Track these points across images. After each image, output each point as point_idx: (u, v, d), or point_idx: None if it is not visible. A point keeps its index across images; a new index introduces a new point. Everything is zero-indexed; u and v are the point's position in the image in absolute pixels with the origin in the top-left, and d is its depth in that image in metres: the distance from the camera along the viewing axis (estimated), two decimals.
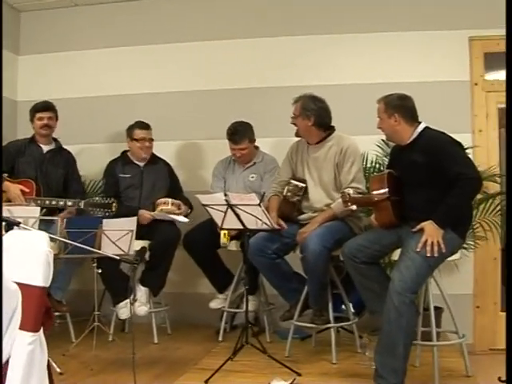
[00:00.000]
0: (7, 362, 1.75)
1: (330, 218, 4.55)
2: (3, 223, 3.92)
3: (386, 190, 3.97)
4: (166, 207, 5.31)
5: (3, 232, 3.94)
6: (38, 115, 5.40)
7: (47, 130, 5.43)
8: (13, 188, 5.11)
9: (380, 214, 4.05)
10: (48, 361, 2.44)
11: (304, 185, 4.75)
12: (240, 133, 5.37)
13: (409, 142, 4.01)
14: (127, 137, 5.61)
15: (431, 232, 3.71)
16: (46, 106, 5.45)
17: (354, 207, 4.00)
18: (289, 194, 4.75)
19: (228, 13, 6.17)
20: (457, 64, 5.55)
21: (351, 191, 4.02)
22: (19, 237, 2.34)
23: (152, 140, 5.59)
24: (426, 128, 4.00)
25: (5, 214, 4.16)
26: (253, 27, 6.07)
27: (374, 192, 4.03)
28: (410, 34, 5.68)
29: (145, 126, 5.58)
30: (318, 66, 5.88)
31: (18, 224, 3.21)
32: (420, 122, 4.03)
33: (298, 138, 4.95)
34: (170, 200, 5.35)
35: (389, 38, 5.74)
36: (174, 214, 5.30)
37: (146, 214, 5.27)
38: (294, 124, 4.81)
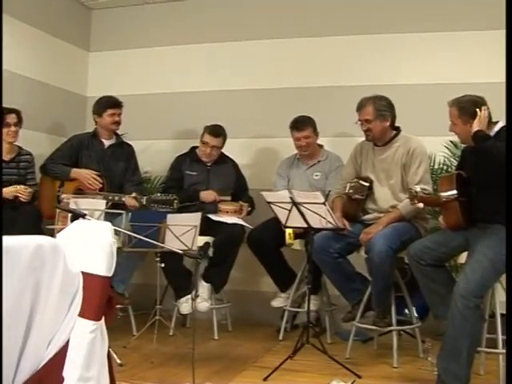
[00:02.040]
0: (65, 346, 1.76)
1: (396, 219, 4.49)
2: (70, 214, 4.03)
3: (455, 191, 3.87)
4: (224, 215, 5.39)
5: (68, 222, 4.03)
6: (110, 111, 5.44)
7: (117, 126, 5.51)
8: (83, 172, 5.26)
9: (448, 215, 3.96)
10: (108, 351, 2.45)
11: (367, 184, 4.69)
12: (303, 121, 5.36)
13: None
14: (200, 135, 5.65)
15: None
16: (117, 103, 5.49)
17: (421, 205, 3.92)
18: (351, 190, 4.67)
19: (294, 12, 6.16)
20: None
21: (418, 189, 3.94)
22: (84, 227, 2.35)
23: (216, 148, 5.58)
24: (504, 128, 3.84)
25: (72, 205, 4.27)
26: (319, 26, 6.05)
27: (443, 193, 3.94)
28: (478, 33, 5.55)
29: (214, 134, 5.56)
30: (382, 65, 5.83)
31: (83, 216, 3.27)
32: (497, 122, 3.89)
33: (362, 139, 4.86)
34: (231, 208, 5.42)
35: (456, 38, 5.64)
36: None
37: (208, 195, 5.33)
38: (367, 130, 4.70)
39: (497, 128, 3.86)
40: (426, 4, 5.75)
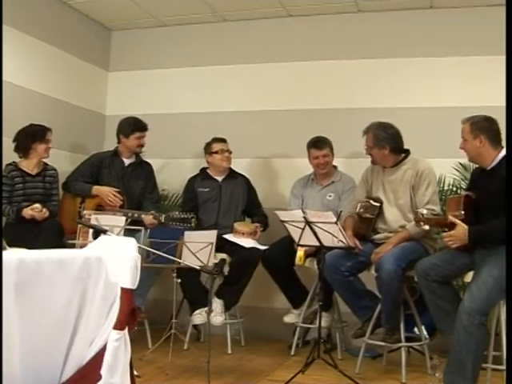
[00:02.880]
0: (103, 348, 1.93)
1: (405, 238, 4.61)
2: (90, 230, 4.19)
3: (462, 212, 3.99)
4: (240, 237, 5.48)
5: (89, 237, 4.19)
6: (137, 134, 5.60)
7: (141, 148, 5.69)
8: (104, 189, 5.43)
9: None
10: (131, 360, 2.59)
11: (377, 204, 4.82)
12: (323, 140, 5.53)
13: (490, 167, 4.02)
14: (206, 153, 5.80)
15: (459, 235, 3.87)
16: (145, 127, 5.65)
17: (427, 227, 4.05)
18: (361, 210, 4.81)
19: (304, 34, 6.33)
20: None
21: (425, 211, 4.07)
22: (110, 242, 2.50)
23: (230, 152, 5.76)
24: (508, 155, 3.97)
25: (93, 222, 4.42)
26: (332, 50, 6.21)
27: (450, 214, 4.07)
28: (486, 58, 5.70)
29: (222, 140, 5.76)
30: (394, 88, 5.97)
31: (104, 232, 3.41)
32: (502, 147, 4.02)
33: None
34: (246, 230, 5.52)
35: (464, 62, 5.78)
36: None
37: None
38: (370, 154, 4.88)
39: (501, 155, 3.99)
40: (435, 30, 5.90)
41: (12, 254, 1.63)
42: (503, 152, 4.00)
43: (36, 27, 5.76)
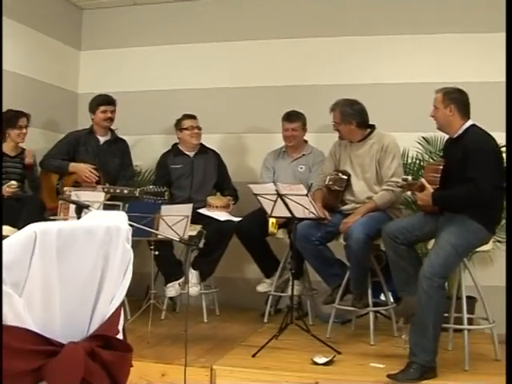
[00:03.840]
0: (121, 304, 2.21)
1: (371, 209, 4.81)
2: (71, 206, 4.35)
3: (438, 179, 4.20)
4: (214, 210, 5.65)
5: (70, 213, 4.33)
6: (102, 108, 5.73)
7: (109, 122, 5.78)
8: (81, 166, 5.56)
9: None
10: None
11: (345, 177, 5.01)
12: (295, 114, 5.70)
13: (455, 136, 4.22)
14: (176, 129, 5.95)
15: (424, 197, 4.12)
16: (109, 100, 5.78)
17: (409, 193, 4.21)
18: (330, 182, 5.01)
19: (275, 13, 6.44)
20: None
21: (410, 178, 4.29)
22: (103, 215, 2.69)
23: (200, 128, 5.91)
24: (473, 126, 4.18)
25: (73, 197, 4.57)
26: (296, 28, 6.33)
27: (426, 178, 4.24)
28: (451, 36, 5.86)
29: (192, 116, 5.91)
30: (361, 65, 6.11)
31: (87, 207, 3.58)
32: (469, 119, 4.22)
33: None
34: (219, 204, 5.69)
35: (429, 40, 5.94)
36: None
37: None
38: (337, 130, 5.06)
39: (466, 125, 4.20)
40: (403, 8, 6.05)
41: (52, 224, 1.90)
42: (467, 124, 4.20)
43: (6, 6, 5.72)
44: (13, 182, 5.06)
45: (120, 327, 2.41)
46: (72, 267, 1.97)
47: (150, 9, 6.79)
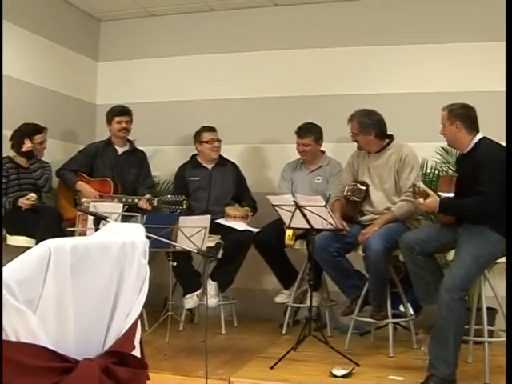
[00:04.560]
0: (137, 320, 2.21)
1: (390, 220, 4.78)
2: (90, 217, 4.35)
3: (452, 193, 4.18)
4: (232, 220, 5.64)
5: (89, 224, 4.34)
6: (117, 119, 5.74)
7: (125, 133, 5.79)
8: (87, 187, 5.55)
9: None
10: (141, 337, 2.77)
11: (364, 187, 4.99)
12: (306, 129, 5.64)
13: (467, 151, 4.20)
14: (195, 141, 5.91)
15: (430, 204, 4.07)
16: (124, 111, 5.79)
17: (421, 200, 4.17)
18: (349, 193, 4.99)
19: (291, 23, 6.43)
20: None
21: (422, 184, 4.23)
22: (120, 227, 2.68)
23: (220, 141, 5.88)
24: (483, 139, 4.15)
25: (91, 209, 4.58)
26: (319, 38, 6.32)
27: (442, 193, 4.21)
28: (469, 45, 5.83)
29: (211, 129, 5.87)
30: (379, 75, 6.09)
31: (105, 218, 3.58)
32: (478, 132, 4.20)
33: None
34: (238, 214, 5.68)
35: (447, 49, 5.90)
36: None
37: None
38: (356, 141, 5.04)
39: (476, 139, 4.17)
40: (419, 17, 6.02)
41: (67, 241, 1.90)
42: (478, 136, 4.17)
43: (26, 18, 5.83)
44: (32, 195, 5.08)
45: (137, 342, 2.40)
46: (86, 283, 1.96)
47: (167, 20, 6.82)
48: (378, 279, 4.70)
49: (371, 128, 4.93)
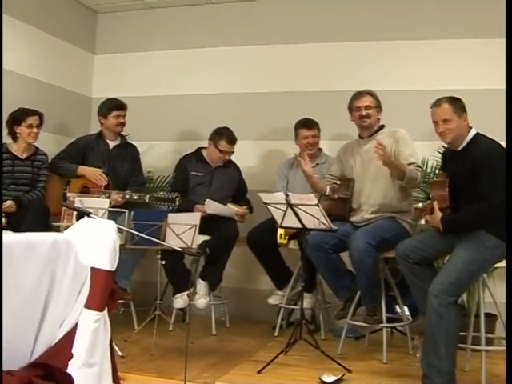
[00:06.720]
0: (74, 328, 1.99)
1: (400, 170, 4.53)
2: (75, 212, 4.22)
3: (447, 195, 4.02)
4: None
5: (74, 220, 4.21)
6: (115, 113, 5.59)
7: (122, 127, 5.67)
8: (89, 169, 5.46)
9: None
10: (111, 340, 2.64)
11: (348, 182, 4.91)
12: (312, 120, 5.58)
13: (461, 148, 4.02)
14: (211, 140, 5.71)
15: (433, 221, 3.98)
16: (122, 105, 5.65)
17: (423, 221, 4.06)
18: (330, 192, 4.87)
19: (289, 18, 6.33)
20: None
21: (420, 205, 4.12)
22: (89, 225, 2.55)
23: (233, 153, 5.75)
24: (478, 135, 3.98)
25: (77, 204, 4.44)
26: (317, 33, 6.21)
27: (434, 199, 4.07)
28: (467, 42, 5.72)
29: (233, 142, 5.70)
30: (378, 72, 5.96)
31: (88, 214, 3.44)
32: (471, 128, 4.02)
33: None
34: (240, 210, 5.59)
35: (447, 45, 5.79)
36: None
37: (200, 209, 5.41)
38: (367, 115, 4.90)
39: (471, 135, 4.00)
40: (417, 13, 5.92)
41: None
42: (473, 132, 4.01)
43: (21, 10, 5.73)
44: (10, 203, 4.92)
45: (104, 352, 2.21)
46: (8, 286, 1.77)
47: (165, 13, 6.72)
48: (365, 279, 4.56)
49: (380, 108, 4.96)
